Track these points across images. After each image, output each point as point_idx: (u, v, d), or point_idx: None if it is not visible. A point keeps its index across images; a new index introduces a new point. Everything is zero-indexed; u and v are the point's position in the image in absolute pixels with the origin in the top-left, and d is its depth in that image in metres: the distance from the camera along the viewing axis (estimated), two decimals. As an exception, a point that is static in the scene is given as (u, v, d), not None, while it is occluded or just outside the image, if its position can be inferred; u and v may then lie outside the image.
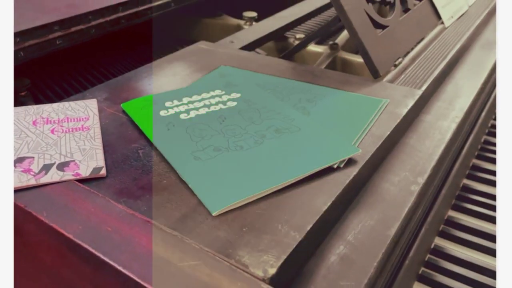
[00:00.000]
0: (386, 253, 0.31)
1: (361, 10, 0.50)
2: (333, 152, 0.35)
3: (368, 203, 0.35)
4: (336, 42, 0.65)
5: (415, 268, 0.44)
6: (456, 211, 0.54)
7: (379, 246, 0.31)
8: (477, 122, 0.59)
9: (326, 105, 0.43)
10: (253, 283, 0.25)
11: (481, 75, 0.54)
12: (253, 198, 0.31)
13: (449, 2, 0.68)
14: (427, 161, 0.39)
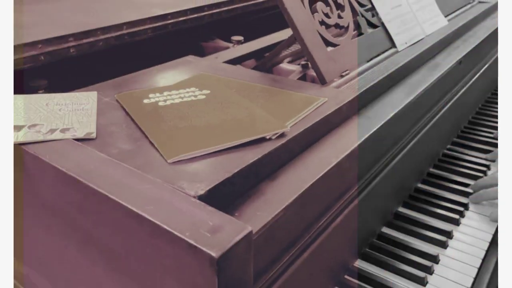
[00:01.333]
0: (292, 203, 0.41)
1: (314, 30, 0.63)
2: (268, 127, 0.46)
3: (294, 166, 0.45)
4: (307, 62, 0.77)
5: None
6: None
7: (290, 194, 0.41)
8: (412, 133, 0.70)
9: (276, 100, 0.54)
10: (187, 198, 0.36)
11: (411, 94, 0.65)
12: (201, 153, 0.42)
13: (404, 30, 0.80)
14: (344, 151, 0.50)
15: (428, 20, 0.88)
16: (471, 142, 0.93)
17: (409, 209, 0.72)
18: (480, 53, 0.98)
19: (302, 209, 0.44)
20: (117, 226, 0.37)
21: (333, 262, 0.55)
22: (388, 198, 0.67)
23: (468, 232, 0.68)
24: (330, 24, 0.67)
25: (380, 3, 0.78)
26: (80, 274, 0.44)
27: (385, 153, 0.62)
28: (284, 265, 0.44)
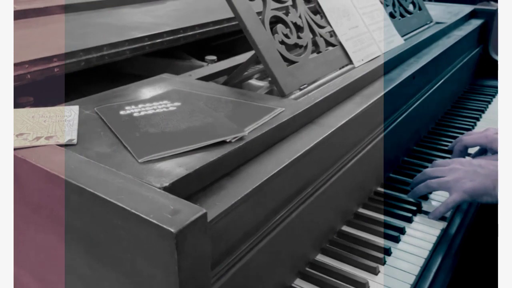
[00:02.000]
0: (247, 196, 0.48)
1: (274, 49, 0.71)
2: (228, 132, 0.53)
3: (251, 165, 0.52)
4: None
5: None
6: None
7: (247, 188, 0.48)
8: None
9: (238, 110, 0.62)
10: (153, 189, 0.42)
11: (362, 104, 0.73)
12: (168, 154, 0.49)
13: (361, 48, 0.89)
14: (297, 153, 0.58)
15: (385, 39, 0.97)
16: (430, 150, 1.01)
17: (368, 210, 0.80)
18: (435, 68, 1.08)
19: (258, 202, 0.51)
20: (95, 216, 0.43)
21: (290, 254, 0.61)
22: (346, 198, 0.74)
23: (418, 228, 0.75)
24: (289, 44, 0.75)
25: (338, 25, 0.87)
26: (61, 265, 0.50)
27: (341, 157, 0.70)
28: (244, 251, 0.51)
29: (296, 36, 0.77)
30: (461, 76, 1.32)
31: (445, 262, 0.70)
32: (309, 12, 0.82)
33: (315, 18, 0.83)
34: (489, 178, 0.75)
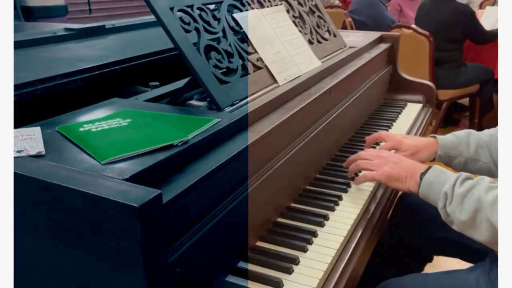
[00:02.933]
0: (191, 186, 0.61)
1: (209, 72, 0.85)
2: (174, 137, 0.66)
3: (195, 163, 0.65)
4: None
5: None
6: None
7: (191, 180, 0.61)
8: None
9: (183, 122, 0.75)
10: (116, 180, 0.54)
11: (285, 114, 0.88)
12: (126, 156, 0.60)
13: (284, 70, 1.06)
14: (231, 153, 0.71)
15: (304, 62, 1.15)
16: (351, 155, 1.19)
17: (299, 204, 0.94)
18: (350, 85, 1.27)
19: (202, 192, 0.63)
20: (69, 207, 0.53)
21: (231, 239, 0.74)
22: (278, 193, 0.88)
23: (339, 214, 0.90)
24: (222, 67, 0.89)
25: (263, 51, 1.03)
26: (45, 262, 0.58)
27: (271, 157, 0.84)
28: (193, 233, 0.63)
29: (227, 61, 0.92)
30: (375, 91, 1.54)
31: (365, 233, 0.86)
32: (237, 41, 0.98)
33: (243, 45, 0.99)
34: (404, 169, 0.93)
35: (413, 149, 1.07)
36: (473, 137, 1.08)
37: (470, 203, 0.78)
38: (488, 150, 1.06)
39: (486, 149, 1.06)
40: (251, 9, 1.09)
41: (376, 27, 3.20)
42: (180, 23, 0.86)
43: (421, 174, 0.88)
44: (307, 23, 1.29)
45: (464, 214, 0.79)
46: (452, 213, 0.81)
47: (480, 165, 1.06)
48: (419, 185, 0.88)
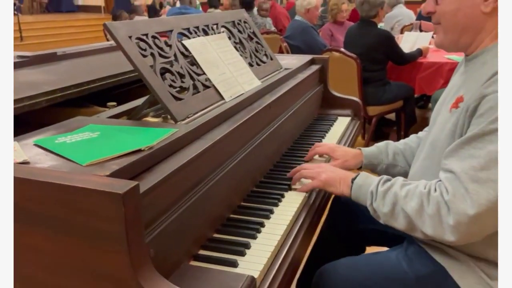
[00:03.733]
0: (157, 184, 0.74)
1: (165, 91, 0.99)
2: (142, 143, 0.79)
3: (159, 164, 0.79)
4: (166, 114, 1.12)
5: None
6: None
7: (157, 178, 0.74)
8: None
9: (145, 133, 0.88)
10: (100, 177, 0.66)
11: (232, 125, 1.04)
12: (104, 160, 0.73)
13: (229, 88, 1.22)
14: (188, 156, 0.86)
15: (246, 82, 1.33)
16: (291, 162, 1.37)
17: (248, 202, 1.09)
18: (286, 101, 1.46)
19: (167, 188, 0.77)
20: (61, 202, 0.65)
21: (193, 229, 0.87)
22: (228, 193, 1.03)
23: (283, 208, 1.07)
24: (176, 86, 1.04)
25: (210, 72, 1.19)
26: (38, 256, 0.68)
27: (223, 162, 0.99)
28: (162, 221, 0.76)
29: (180, 81, 1.07)
30: (309, 106, 1.75)
31: (304, 223, 1.03)
32: (187, 64, 1.13)
33: (192, 68, 1.14)
34: (338, 176, 1.11)
35: (343, 158, 1.29)
36: (390, 147, 1.30)
37: (390, 198, 0.97)
38: (403, 156, 1.28)
39: (402, 155, 1.28)
40: (197, 36, 1.25)
41: (310, 51, 3.50)
42: (138, 49, 1.00)
43: (352, 179, 1.07)
44: (247, 48, 1.47)
45: (386, 208, 0.97)
46: (377, 208, 0.99)
47: (399, 169, 1.29)
48: (351, 188, 1.06)
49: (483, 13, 0.94)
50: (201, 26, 1.30)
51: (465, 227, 0.85)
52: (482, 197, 0.83)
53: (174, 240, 0.79)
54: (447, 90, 1.12)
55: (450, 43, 1.03)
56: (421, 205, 0.91)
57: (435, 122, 1.08)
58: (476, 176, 0.85)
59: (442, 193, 0.89)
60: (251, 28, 1.59)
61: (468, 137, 0.88)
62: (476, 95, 0.89)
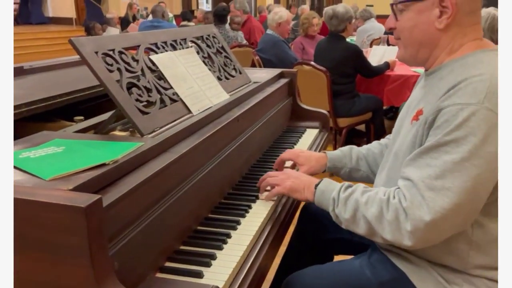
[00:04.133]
0: (121, 197, 0.76)
1: (132, 105, 1.01)
2: (106, 157, 0.80)
3: (124, 178, 0.80)
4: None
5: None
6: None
7: (120, 192, 0.76)
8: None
9: (110, 147, 0.89)
10: (63, 191, 0.67)
11: (199, 138, 1.07)
12: (67, 174, 0.74)
13: (197, 102, 1.25)
14: (154, 170, 0.87)
15: (214, 95, 1.35)
16: (260, 172, 1.39)
17: (215, 214, 1.11)
18: (254, 114, 1.49)
19: (132, 201, 0.78)
20: (25, 217, 0.65)
21: (158, 242, 0.88)
22: (195, 205, 1.04)
23: (250, 219, 1.09)
24: (143, 101, 1.06)
25: (177, 86, 1.21)
26: None
27: (189, 175, 1.01)
28: (127, 235, 0.77)
29: (147, 95, 1.08)
30: (278, 119, 1.79)
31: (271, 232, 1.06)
32: (155, 79, 1.15)
33: (160, 82, 1.16)
34: (302, 183, 1.14)
35: (308, 163, 1.32)
36: (354, 151, 1.35)
37: (351, 204, 1.00)
38: (366, 162, 1.34)
39: (364, 160, 1.34)
40: (165, 51, 1.27)
41: (281, 64, 3.57)
42: (104, 64, 1.02)
43: (315, 185, 1.10)
44: (216, 62, 1.50)
45: (347, 214, 1.00)
46: (339, 214, 1.03)
47: (361, 174, 1.34)
48: (314, 193, 1.09)
49: (437, 30, 1.00)
50: (169, 41, 1.32)
51: (422, 233, 0.89)
52: (437, 204, 0.88)
53: (139, 253, 0.81)
54: (408, 102, 1.17)
55: (409, 58, 1.08)
56: (380, 212, 0.94)
57: (399, 133, 1.13)
58: (432, 184, 0.89)
59: (400, 200, 0.93)
60: (220, 42, 1.62)
61: (426, 148, 0.93)
62: (433, 109, 0.94)
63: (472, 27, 1.00)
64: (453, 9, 0.96)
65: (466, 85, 0.90)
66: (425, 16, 1.00)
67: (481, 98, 0.88)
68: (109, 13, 8.06)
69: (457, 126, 0.88)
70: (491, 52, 0.98)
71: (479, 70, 0.92)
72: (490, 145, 0.87)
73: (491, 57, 0.96)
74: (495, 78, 0.90)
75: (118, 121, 1.15)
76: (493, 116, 0.87)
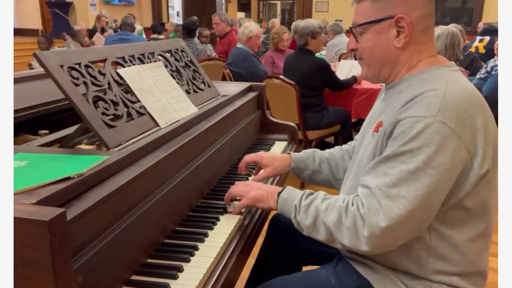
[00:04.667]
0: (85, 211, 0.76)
1: (98, 118, 1.01)
2: (71, 171, 0.80)
3: (89, 191, 0.80)
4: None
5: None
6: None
7: (85, 205, 0.76)
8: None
9: (77, 160, 0.89)
10: (24, 205, 0.67)
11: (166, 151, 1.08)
12: (34, 187, 0.73)
13: (164, 115, 1.26)
14: (119, 183, 0.88)
15: (182, 108, 1.37)
16: (228, 185, 1.41)
17: (183, 227, 1.12)
18: (223, 127, 1.52)
19: (96, 214, 0.78)
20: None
21: (124, 255, 0.88)
22: (162, 218, 1.05)
23: (217, 231, 1.10)
24: (109, 114, 1.06)
25: (145, 99, 1.22)
26: None
27: (156, 188, 1.02)
28: (92, 248, 0.77)
29: (114, 109, 1.09)
30: (247, 132, 1.82)
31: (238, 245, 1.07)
32: (122, 92, 1.16)
33: (127, 96, 1.17)
34: (265, 192, 1.16)
35: (272, 164, 1.35)
36: (317, 154, 1.40)
37: (312, 211, 1.03)
38: (328, 165, 1.38)
39: (327, 163, 1.38)
40: (132, 65, 1.28)
41: (251, 77, 3.62)
42: (70, 78, 1.02)
43: (278, 193, 1.13)
44: (184, 76, 1.52)
45: (308, 220, 1.03)
46: (300, 220, 1.06)
47: (322, 177, 1.38)
48: (277, 201, 1.12)
49: (396, 48, 1.05)
50: (137, 55, 1.33)
51: (378, 239, 0.93)
52: (393, 211, 0.92)
53: (104, 267, 0.81)
54: (370, 114, 1.22)
55: (372, 76, 1.14)
56: (339, 218, 0.97)
57: (361, 144, 1.17)
58: (388, 192, 0.93)
59: (358, 207, 0.96)
60: (189, 56, 1.64)
61: (384, 157, 0.98)
62: (391, 120, 0.99)
63: (427, 44, 1.06)
64: (409, 28, 1.02)
65: (422, 99, 0.96)
66: (384, 36, 1.05)
67: (435, 112, 0.93)
68: (77, 25, 7.97)
69: (412, 137, 0.93)
70: (445, 68, 1.05)
71: (434, 85, 0.98)
72: (442, 156, 0.92)
73: (445, 73, 1.03)
74: (449, 93, 0.96)
75: (84, 135, 1.15)
76: (446, 128, 0.92)
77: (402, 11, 1.02)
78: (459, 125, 0.93)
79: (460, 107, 0.94)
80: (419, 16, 1.03)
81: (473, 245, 1.01)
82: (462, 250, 1.01)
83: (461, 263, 1.01)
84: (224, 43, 5.18)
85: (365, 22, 1.06)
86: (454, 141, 0.92)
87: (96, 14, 9.57)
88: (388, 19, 1.03)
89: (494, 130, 1.00)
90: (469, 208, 0.99)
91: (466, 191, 0.97)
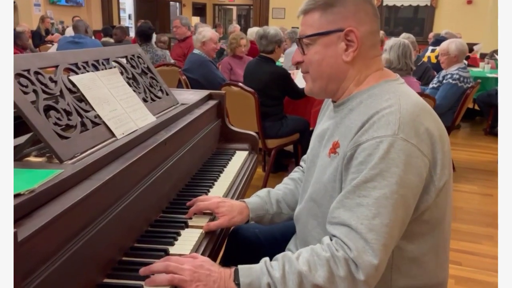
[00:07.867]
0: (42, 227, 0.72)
1: (50, 129, 0.97)
2: (21, 187, 0.76)
3: (43, 208, 0.76)
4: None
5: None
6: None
7: (38, 224, 0.72)
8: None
9: (26, 176, 0.85)
10: None
11: (124, 163, 1.05)
12: None
13: (121, 125, 1.22)
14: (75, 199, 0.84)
15: (139, 118, 1.34)
16: (188, 197, 1.39)
17: (142, 243, 1.09)
18: (183, 137, 1.50)
19: (50, 233, 0.75)
20: None
21: (80, 275, 0.85)
22: (120, 235, 1.02)
23: (178, 248, 1.08)
24: (62, 124, 1.02)
25: (100, 109, 1.18)
26: None
27: (113, 203, 0.98)
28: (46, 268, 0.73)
29: (66, 118, 1.05)
30: (207, 141, 1.80)
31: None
32: (75, 101, 1.12)
33: (80, 104, 1.13)
34: (215, 285, 0.94)
35: (230, 214, 1.25)
36: (272, 195, 1.35)
37: (292, 279, 0.90)
38: (285, 202, 1.34)
39: (284, 202, 1.34)
40: (86, 72, 1.24)
41: (209, 84, 3.60)
42: (18, 85, 0.97)
43: (234, 280, 0.95)
44: (141, 83, 1.49)
45: None
46: None
47: (283, 216, 1.34)
48: None
49: (345, 62, 1.05)
50: (91, 61, 1.29)
51: (373, 277, 0.91)
52: (380, 243, 0.89)
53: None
54: (319, 132, 1.17)
55: (318, 90, 1.11)
56: (330, 271, 0.91)
57: (315, 164, 1.13)
58: (371, 225, 0.90)
59: (345, 251, 0.91)
60: (145, 63, 1.61)
61: (353, 186, 0.93)
62: (351, 144, 0.97)
63: (374, 59, 1.08)
64: (358, 42, 1.03)
65: (379, 118, 0.95)
66: (332, 49, 1.05)
67: (395, 130, 0.93)
68: (19, 26, 7.61)
69: (380, 158, 0.92)
70: (394, 82, 1.07)
71: (387, 102, 0.98)
72: (410, 173, 0.93)
73: (395, 88, 1.04)
74: (403, 109, 0.96)
75: (34, 146, 1.10)
76: (408, 146, 0.93)
77: (351, 24, 1.03)
78: (419, 140, 0.94)
79: (415, 121, 0.95)
80: (367, 31, 1.04)
81: (433, 257, 1.04)
82: (422, 264, 1.03)
83: (423, 277, 1.03)
84: (183, 46, 5.14)
85: (314, 33, 1.06)
86: (419, 157, 0.94)
87: (41, 14, 9.20)
88: (337, 32, 1.04)
89: (447, 139, 1.03)
90: (428, 221, 1.01)
91: (427, 205, 0.99)
